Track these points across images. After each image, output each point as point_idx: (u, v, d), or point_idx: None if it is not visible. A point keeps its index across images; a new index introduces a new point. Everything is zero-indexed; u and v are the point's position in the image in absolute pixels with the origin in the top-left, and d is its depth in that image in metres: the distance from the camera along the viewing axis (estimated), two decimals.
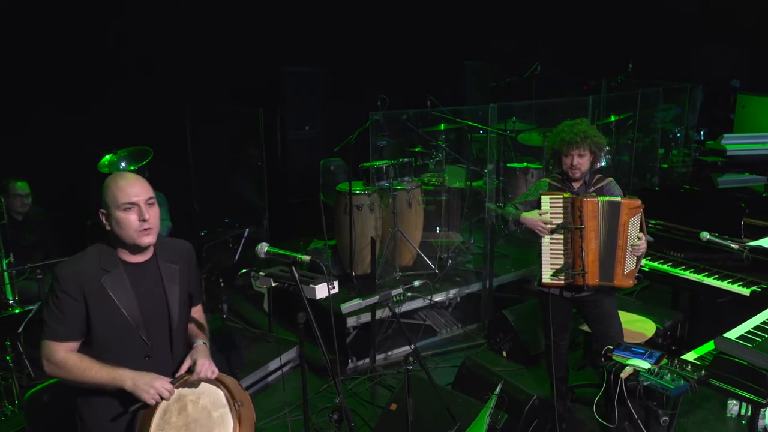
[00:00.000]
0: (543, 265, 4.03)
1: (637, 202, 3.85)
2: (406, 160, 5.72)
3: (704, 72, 9.80)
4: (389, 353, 5.34)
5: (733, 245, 4.13)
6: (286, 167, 6.91)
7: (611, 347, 3.73)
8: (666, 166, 7.81)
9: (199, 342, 2.76)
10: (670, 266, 4.94)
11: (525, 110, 6.34)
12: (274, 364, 5.05)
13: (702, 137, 8.79)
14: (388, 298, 2.81)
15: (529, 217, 3.99)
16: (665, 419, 4.04)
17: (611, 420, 3.92)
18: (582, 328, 4.75)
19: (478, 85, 8.28)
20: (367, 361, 5.21)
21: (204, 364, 2.62)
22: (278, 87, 7.04)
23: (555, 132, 4.11)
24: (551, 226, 3.95)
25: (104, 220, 2.53)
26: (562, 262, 3.98)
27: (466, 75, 8.16)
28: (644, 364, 3.49)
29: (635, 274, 3.95)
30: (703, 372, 3.35)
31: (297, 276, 2.45)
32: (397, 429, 3.88)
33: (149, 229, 2.53)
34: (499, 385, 3.34)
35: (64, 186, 6.03)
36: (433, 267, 5.82)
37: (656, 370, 3.41)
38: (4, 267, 4.47)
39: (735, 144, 7.33)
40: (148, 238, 2.54)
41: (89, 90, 6.08)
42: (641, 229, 3.88)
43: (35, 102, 5.78)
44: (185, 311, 2.75)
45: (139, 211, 2.50)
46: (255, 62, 6.85)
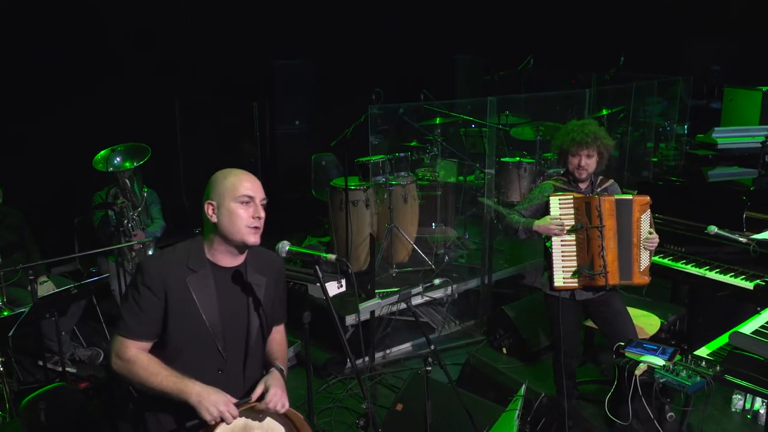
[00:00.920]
0: (555, 269, 3.95)
1: (646, 198, 3.83)
2: (402, 154, 5.62)
3: (691, 65, 9.87)
4: (388, 351, 5.24)
5: (741, 239, 4.11)
6: (276, 163, 6.77)
7: (623, 344, 3.68)
8: (656, 159, 7.81)
9: (277, 367, 2.61)
10: (671, 260, 4.91)
11: (521, 104, 6.26)
12: None
13: (686, 130, 8.82)
14: (408, 297, 2.72)
15: (542, 224, 3.92)
16: (671, 414, 4.02)
17: (623, 417, 3.88)
18: (585, 323, 4.71)
19: (469, 79, 8.21)
20: (366, 359, 5.10)
21: (276, 394, 2.46)
22: (267, 81, 6.89)
23: (563, 131, 4.05)
24: (564, 227, 3.88)
25: (210, 211, 2.43)
26: (575, 263, 3.91)
27: (456, 68, 8.08)
28: (659, 361, 3.43)
29: (648, 271, 3.92)
30: (718, 368, 3.31)
31: (320, 276, 2.33)
32: (405, 429, 3.81)
33: (258, 228, 2.44)
34: (524, 386, 3.26)
35: (44, 184, 5.85)
36: (430, 263, 5.73)
37: (671, 367, 3.37)
38: None
39: (725, 137, 7.35)
40: (255, 237, 2.44)
41: (73, 85, 5.89)
42: (650, 225, 3.86)
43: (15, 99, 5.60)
44: (266, 328, 2.60)
45: (254, 207, 2.42)
46: (244, 55, 6.72)
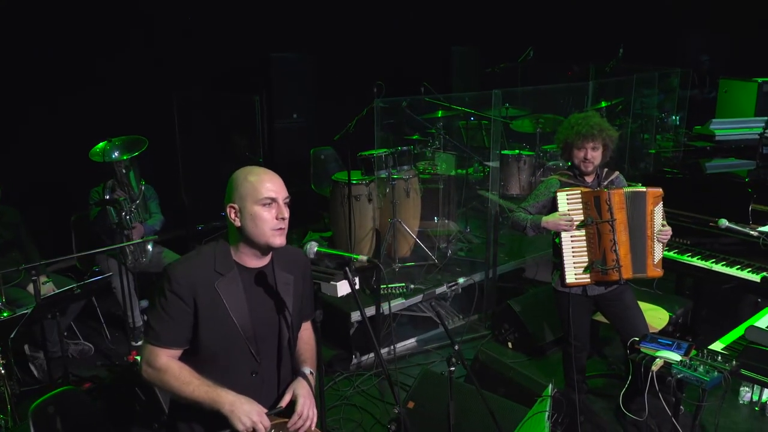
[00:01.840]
0: (566, 265, 3.90)
1: (659, 190, 3.80)
2: (404, 148, 5.56)
3: (682, 55, 9.89)
4: (392, 347, 5.19)
5: (752, 232, 4.10)
6: (273, 157, 6.68)
7: (637, 339, 3.66)
8: (654, 151, 7.80)
9: (306, 371, 2.55)
10: (677, 253, 4.89)
11: (520, 96, 6.22)
12: None
13: (678, 121, 8.84)
14: (432, 297, 2.66)
15: (551, 220, 3.87)
16: (680, 408, 3.99)
17: (637, 412, 3.86)
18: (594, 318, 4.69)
19: (466, 71, 8.15)
20: (371, 356, 5.06)
21: (306, 405, 2.42)
22: (264, 73, 6.79)
23: (567, 125, 4.00)
24: (573, 222, 3.84)
25: (233, 215, 2.35)
26: (586, 259, 3.87)
27: (453, 60, 8.02)
28: (675, 356, 3.41)
29: (661, 264, 3.89)
30: (734, 362, 3.30)
31: (351, 278, 2.27)
32: (417, 427, 3.76)
33: (283, 230, 2.37)
34: (550, 386, 3.22)
35: (40, 181, 5.73)
36: (433, 258, 5.68)
37: (688, 362, 3.35)
38: None
39: (723, 129, 7.35)
40: (281, 238, 2.37)
41: (68, 81, 5.77)
42: (663, 217, 3.83)
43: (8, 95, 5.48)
44: (296, 327, 2.56)
45: (278, 208, 2.35)
46: (242, 48, 6.62)
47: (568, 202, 3.88)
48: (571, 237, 3.87)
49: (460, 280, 2.64)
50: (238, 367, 2.38)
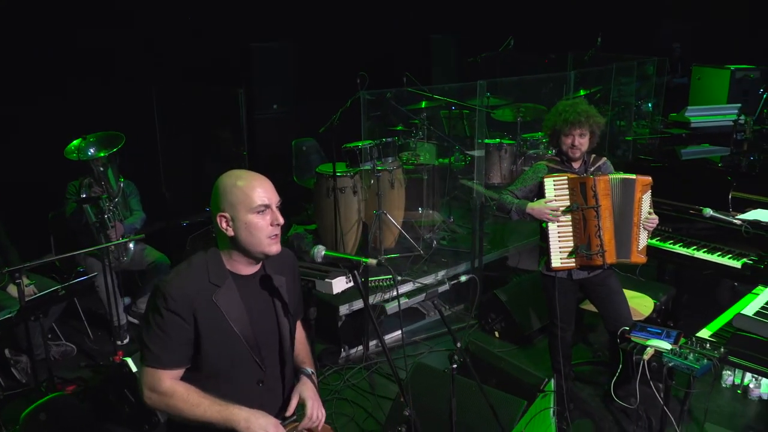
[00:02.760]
0: (551, 250, 3.96)
1: (648, 179, 3.87)
2: (389, 139, 5.54)
3: (654, 43, 10.00)
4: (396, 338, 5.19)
5: (735, 221, 4.18)
6: (254, 148, 6.61)
7: (627, 328, 3.71)
8: (630, 138, 7.89)
9: (308, 371, 2.51)
10: (659, 240, 4.95)
11: (507, 86, 6.23)
12: None
13: (651, 108, 8.95)
14: (435, 296, 2.66)
15: (536, 207, 3.92)
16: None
17: (629, 400, 3.93)
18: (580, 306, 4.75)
19: (446, 60, 8.13)
20: (359, 349, 5.05)
21: (314, 408, 2.41)
22: (244, 64, 6.69)
23: (555, 112, 4.04)
24: (559, 213, 3.88)
25: (225, 224, 2.24)
26: (571, 244, 3.93)
27: (433, 49, 8.00)
28: (665, 345, 3.47)
29: (645, 252, 3.95)
30: (722, 349, 3.36)
31: (359, 281, 2.25)
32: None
33: (278, 236, 2.29)
34: (551, 381, 3.24)
35: (15, 178, 5.59)
36: (419, 249, 5.69)
37: (678, 350, 3.40)
38: None
39: (698, 116, 7.47)
40: (277, 246, 2.29)
41: (42, 76, 5.63)
42: (650, 205, 3.89)
43: None
44: (294, 328, 2.50)
45: (272, 214, 2.26)
46: (221, 38, 6.51)
47: (555, 188, 3.92)
48: (558, 222, 3.92)
49: (462, 278, 2.64)
50: (243, 378, 2.32)
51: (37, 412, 3.05)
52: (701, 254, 4.74)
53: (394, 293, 4.65)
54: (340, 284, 3.13)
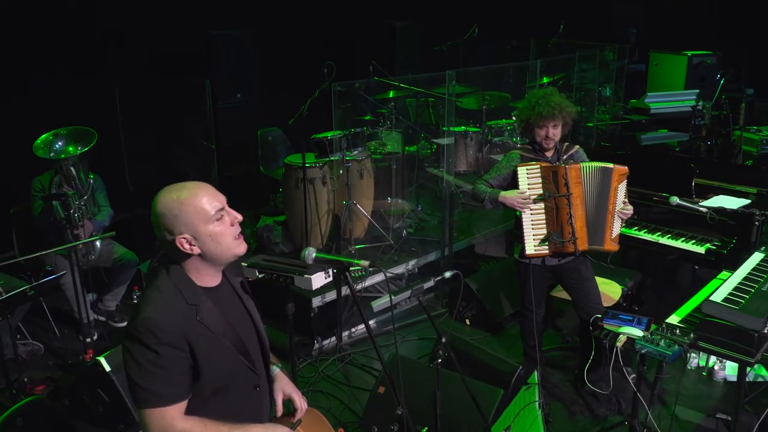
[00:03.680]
0: (525, 237, 4.03)
1: (625, 168, 3.94)
2: (358, 129, 5.51)
3: (612, 28, 10.15)
4: (353, 330, 5.21)
5: (702, 209, 4.29)
6: (218, 138, 6.50)
7: (600, 316, 3.79)
8: (592, 124, 8.01)
9: (278, 368, 2.49)
10: (625, 227, 5.05)
11: (473, 74, 6.25)
12: None
13: (609, 92, 9.10)
14: (420, 292, 2.67)
15: (508, 195, 3.98)
16: (634, 377, 4.17)
17: (596, 384, 4.03)
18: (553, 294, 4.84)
19: (410, 47, 8.10)
20: (332, 340, 5.06)
21: (301, 399, 2.48)
22: (206, 52, 6.56)
23: (527, 104, 4.08)
24: (530, 201, 3.94)
25: (187, 246, 2.10)
26: (544, 231, 3.99)
27: (396, 36, 7.96)
28: (637, 332, 3.56)
29: (618, 240, 4.04)
30: (692, 335, 3.46)
31: (351, 282, 2.24)
32: (390, 411, 3.80)
33: (241, 233, 2.20)
34: (536, 373, 3.29)
35: None
36: (388, 238, 5.70)
37: (650, 337, 3.50)
38: None
39: (657, 102, 7.62)
40: (244, 243, 2.20)
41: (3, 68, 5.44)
42: (625, 195, 3.97)
43: None
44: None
45: (228, 214, 2.15)
46: (181, 27, 6.36)
47: (528, 177, 3.98)
48: (531, 210, 3.99)
49: (447, 274, 2.66)
50: (242, 387, 2.28)
51: (14, 417, 2.98)
52: (666, 240, 4.87)
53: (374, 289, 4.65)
54: (319, 280, 3.11)
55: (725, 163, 6.53)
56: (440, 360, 2.71)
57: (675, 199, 4.19)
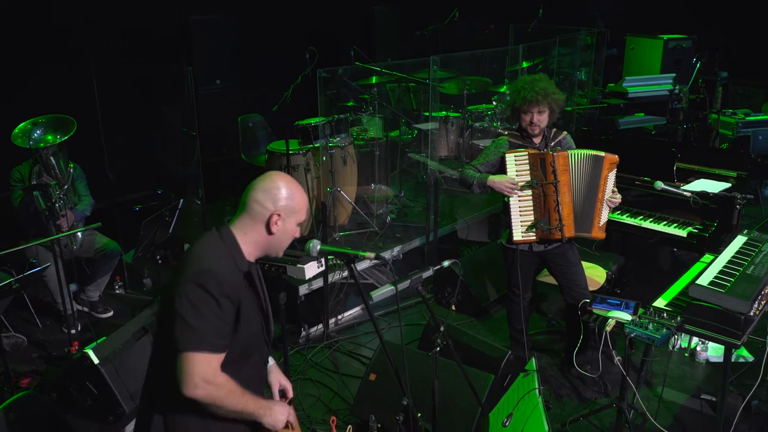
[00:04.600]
0: (513, 223, 4.05)
1: (616, 157, 3.95)
2: (342, 116, 5.48)
3: (582, 12, 10.20)
4: (340, 317, 5.21)
5: (685, 193, 4.35)
6: (198, 124, 6.42)
7: (588, 301, 3.84)
8: (570, 109, 8.06)
9: (272, 360, 2.58)
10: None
11: (453, 59, 6.23)
12: None
13: (584, 76, 9.17)
14: (419, 282, 2.68)
15: (497, 180, 3.98)
16: (619, 359, 4.24)
17: (582, 366, 4.10)
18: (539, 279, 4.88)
19: (390, 32, 8.05)
20: (319, 328, 5.05)
21: (291, 388, 2.59)
22: (185, 38, 6.44)
23: (514, 89, 4.10)
24: (517, 187, 3.95)
25: (275, 222, 2.26)
26: (532, 218, 4.01)
27: (376, 21, 7.90)
28: (626, 316, 3.61)
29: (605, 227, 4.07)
30: (679, 318, 3.52)
31: (357, 275, 2.24)
32: (382, 398, 3.82)
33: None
34: (533, 360, 3.32)
35: None
36: (373, 225, 5.70)
37: (638, 321, 3.55)
38: None
39: (635, 86, 7.70)
40: (282, 253, 2.41)
41: None
42: (614, 184, 3.99)
43: None
44: None
45: (297, 232, 2.36)
46: (157, 10, 6.23)
47: (516, 163, 3.99)
48: (519, 197, 4.01)
49: (445, 263, 2.67)
50: (256, 361, 2.37)
51: (7, 413, 2.93)
52: (649, 224, 4.94)
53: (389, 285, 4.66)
54: (312, 269, 3.10)
55: (703, 147, 6.63)
56: (438, 348, 2.71)
57: (660, 184, 4.25)
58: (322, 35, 7.28)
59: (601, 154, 3.92)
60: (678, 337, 4.90)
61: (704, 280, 3.59)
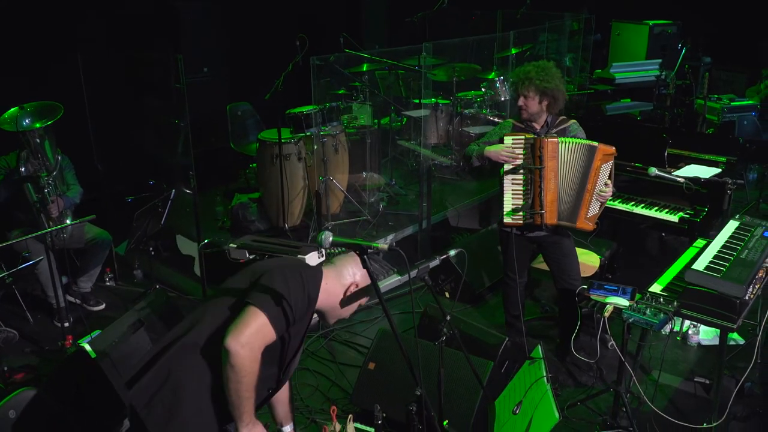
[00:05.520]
0: (504, 206, 4.08)
1: (611, 149, 3.91)
2: (333, 104, 5.44)
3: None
4: None
5: (678, 179, 4.38)
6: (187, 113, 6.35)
7: (585, 287, 3.87)
8: None
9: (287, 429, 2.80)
10: None
11: (443, 46, 6.20)
12: None
13: (569, 62, 9.18)
14: (426, 271, 2.67)
15: (492, 150, 4.02)
16: (612, 344, 4.29)
17: (578, 351, 4.12)
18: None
19: (378, 19, 8.00)
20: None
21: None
22: (172, 25, 6.34)
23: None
24: (515, 154, 3.95)
25: (353, 286, 2.59)
26: (521, 202, 4.02)
27: (363, 7, 7.84)
28: (623, 302, 3.64)
29: (596, 219, 4.06)
30: (676, 303, 3.56)
31: (370, 268, 2.24)
32: (381, 387, 3.83)
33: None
34: (539, 347, 3.33)
35: None
36: (366, 214, 5.68)
37: (636, 306, 3.58)
38: None
39: (622, 72, 7.73)
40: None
41: None
42: (609, 176, 3.97)
43: None
44: None
45: None
46: None
47: (514, 146, 3.99)
48: (512, 180, 4.03)
49: (451, 252, 2.67)
50: (263, 383, 2.40)
51: (6, 410, 2.89)
52: (641, 210, 4.98)
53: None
54: (312, 260, 3.06)
55: (692, 132, 6.68)
56: (444, 338, 2.72)
57: (654, 170, 4.27)
58: (308, 22, 7.22)
59: (595, 144, 3.89)
60: (674, 321, 4.99)
61: (700, 265, 3.63)
